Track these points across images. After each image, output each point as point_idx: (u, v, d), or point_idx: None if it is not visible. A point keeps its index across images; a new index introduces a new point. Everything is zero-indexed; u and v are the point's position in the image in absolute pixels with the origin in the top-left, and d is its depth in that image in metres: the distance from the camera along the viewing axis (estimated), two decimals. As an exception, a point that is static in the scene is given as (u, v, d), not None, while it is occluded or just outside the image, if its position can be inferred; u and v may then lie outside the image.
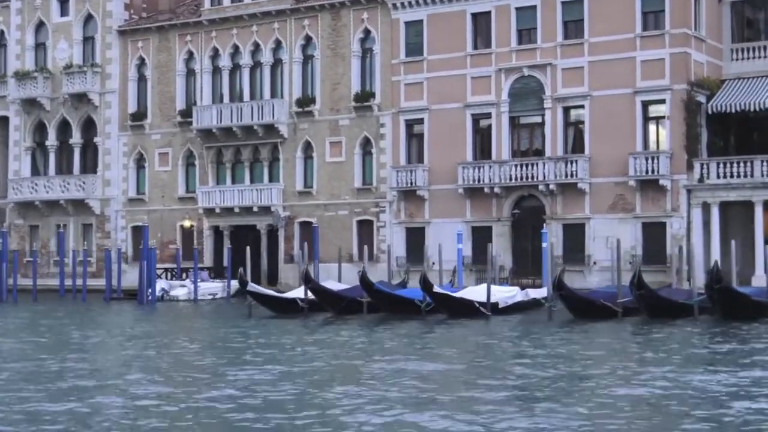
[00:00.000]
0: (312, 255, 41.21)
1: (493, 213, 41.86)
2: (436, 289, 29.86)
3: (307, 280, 30.64)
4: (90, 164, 51.75)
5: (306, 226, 45.90)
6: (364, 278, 29.94)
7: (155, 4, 51.46)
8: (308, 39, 46.19)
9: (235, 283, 44.01)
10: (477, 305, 29.47)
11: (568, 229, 40.41)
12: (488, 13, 42.29)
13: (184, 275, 44.36)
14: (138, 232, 49.73)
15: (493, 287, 30.51)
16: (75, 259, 46.10)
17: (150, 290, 39.65)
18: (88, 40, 51.81)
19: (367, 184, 44.72)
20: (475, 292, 30.84)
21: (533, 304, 32.12)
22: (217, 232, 48.04)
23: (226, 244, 47.21)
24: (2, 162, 54.37)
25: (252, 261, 45.38)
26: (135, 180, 50.47)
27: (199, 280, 42.90)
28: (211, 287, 43.17)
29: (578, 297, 28.92)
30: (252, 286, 32.10)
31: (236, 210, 46.82)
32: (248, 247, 36.95)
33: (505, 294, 31.00)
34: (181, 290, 42.29)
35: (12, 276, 44.74)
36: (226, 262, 47.17)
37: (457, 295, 30.32)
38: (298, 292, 32.93)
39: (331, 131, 45.45)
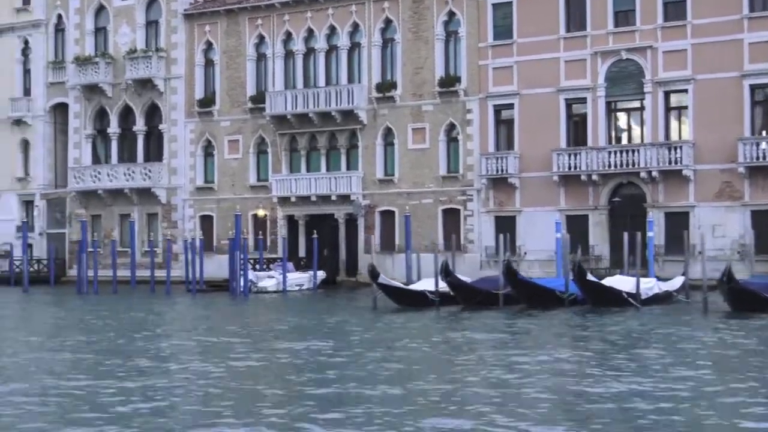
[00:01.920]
0: (405, 245, 40.16)
1: (590, 201, 40.56)
2: (589, 277, 28.65)
3: (447, 273, 29.39)
4: (154, 152, 50.28)
5: (387, 215, 44.58)
6: (509, 268, 28.72)
7: (221, -13, 49.92)
8: (388, 22, 44.73)
9: (321, 274, 42.98)
10: (625, 296, 28.27)
11: (670, 217, 39.15)
12: (582, -6, 40.91)
13: (267, 266, 42.94)
14: (207, 222, 48.46)
15: (634, 279, 29.27)
16: (152, 250, 44.64)
17: (243, 281, 38.17)
18: (151, 24, 50.25)
19: (453, 171, 43.33)
20: (620, 283, 29.63)
21: (667, 297, 30.88)
22: (292, 221, 46.62)
23: (301, 234, 45.83)
24: (61, 150, 52.87)
25: (330, 251, 44.73)
26: (203, 168, 48.99)
27: (281, 270, 41.51)
28: (298, 278, 41.78)
29: (745, 289, 27.51)
30: (383, 278, 30.80)
31: (313, 199, 45.40)
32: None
33: (645, 285, 29.74)
34: (269, 281, 40.90)
35: (93, 267, 43.12)
36: (301, 252, 45.99)
37: (607, 284, 29.12)
38: (423, 285, 31.64)
39: (413, 117, 44.03)
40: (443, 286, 30.41)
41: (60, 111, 52.85)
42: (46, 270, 50.29)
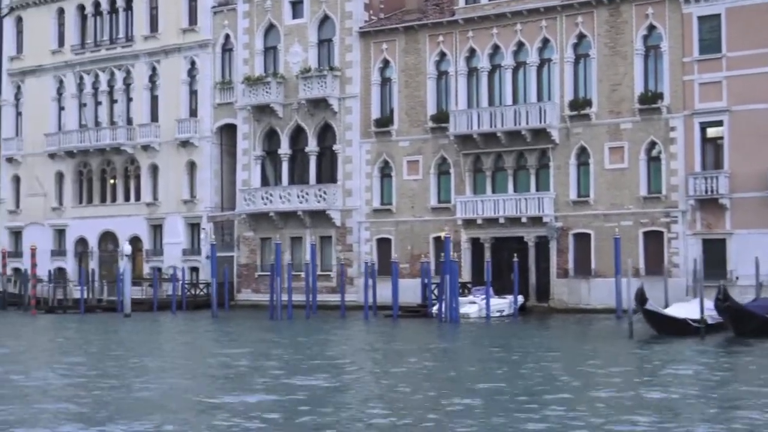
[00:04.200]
0: (615, 269, 38.33)
1: (810, 223, 38.28)
2: None
3: (726, 298, 27.43)
4: (326, 173, 49.10)
5: (581, 237, 42.71)
6: None
7: (395, 4, 48.70)
8: (581, 37, 43.00)
9: (521, 299, 41.37)
10: None
11: None
12: (801, 4, 38.81)
13: (463, 291, 41.30)
14: (384, 245, 47.03)
15: None
16: (343, 275, 43.36)
17: (451, 307, 36.61)
18: (323, 43, 49.17)
19: (655, 192, 41.33)
20: None
21: None
22: (476, 244, 44.97)
23: (486, 257, 44.03)
24: (228, 172, 52.00)
25: (519, 275, 42.89)
26: (379, 189, 47.60)
27: (482, 296, 39.90)
28: (499, 304, 40.08)
29: None
30: (651, 304, 28.90)
31: (501, 221, 43.72)
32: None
33: None
34: (471, 307, 39.25)
35: (287, 291, 41.87)
36: (487, 276, 44.24)
37: None
38: (675, 310, 29.69)
39: (610, 136, 42.16)
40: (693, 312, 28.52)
41: (226, 132, 52.01)
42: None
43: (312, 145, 49.00)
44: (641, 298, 28.29)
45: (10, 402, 16.13)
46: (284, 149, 49.73)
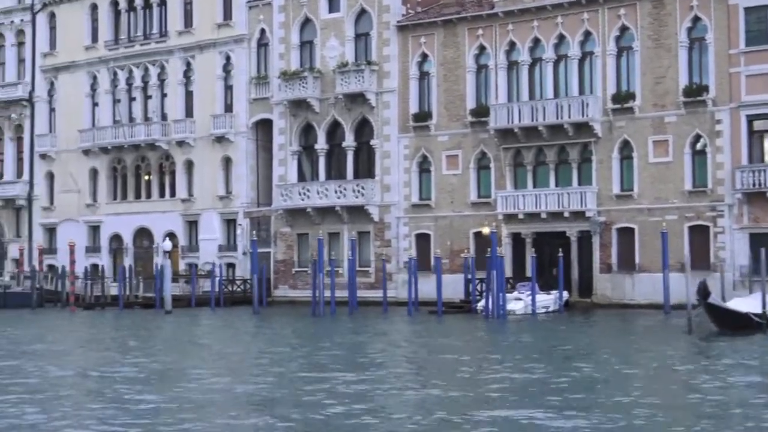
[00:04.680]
0: (663, 264, 37.88)
1: None
2: None
3: None
4: (363, 168, 48.79)
5: (625, 232, 42.25)
6: None
7: (433, -3, 48.41)
8: (624, 29, 42.52)
9: (566, 295, 41.02)
10: None
11: None
12: None
13: (507, 286, 40.89)
14: (423, 240, 46.70)
15: None
16: (385, 270, 43.06)
17: (497, 303, 36.26)
18: (360, 37, 48.83)
19: (700, 186, 40.83)
20: None
21: None
22: (517, 239, 44.58)
23: (528, 252, 43.65)
24: (263, 167, 51.71)
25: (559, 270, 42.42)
26: (418, 184, 47.23)
27: (527, 292, 39.51)
28: (545, 300, 39.68)
29: None
30: (714, 298, 28.45)
31: (543, 216, 43.30)
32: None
33: None
34: (517, 303, 38.83)
35: (330, 287, 41.55)
36: (528, 272, 43.87)
37: None
38: (740, 304, 29.24)
39: (654, 129, 41.68)
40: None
41: (262, 127, 51.74)
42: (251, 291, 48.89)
43: (349, 140, 48.69)
44: (704, 292, 27.78)
45: (86, 400, 15.90)
46: (321, 144, 49.45)
